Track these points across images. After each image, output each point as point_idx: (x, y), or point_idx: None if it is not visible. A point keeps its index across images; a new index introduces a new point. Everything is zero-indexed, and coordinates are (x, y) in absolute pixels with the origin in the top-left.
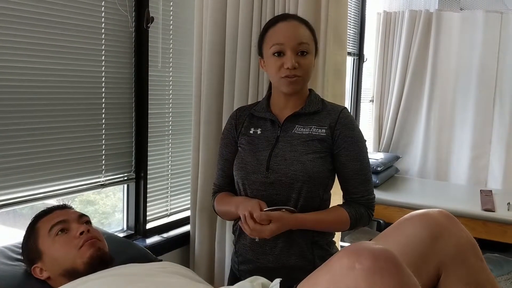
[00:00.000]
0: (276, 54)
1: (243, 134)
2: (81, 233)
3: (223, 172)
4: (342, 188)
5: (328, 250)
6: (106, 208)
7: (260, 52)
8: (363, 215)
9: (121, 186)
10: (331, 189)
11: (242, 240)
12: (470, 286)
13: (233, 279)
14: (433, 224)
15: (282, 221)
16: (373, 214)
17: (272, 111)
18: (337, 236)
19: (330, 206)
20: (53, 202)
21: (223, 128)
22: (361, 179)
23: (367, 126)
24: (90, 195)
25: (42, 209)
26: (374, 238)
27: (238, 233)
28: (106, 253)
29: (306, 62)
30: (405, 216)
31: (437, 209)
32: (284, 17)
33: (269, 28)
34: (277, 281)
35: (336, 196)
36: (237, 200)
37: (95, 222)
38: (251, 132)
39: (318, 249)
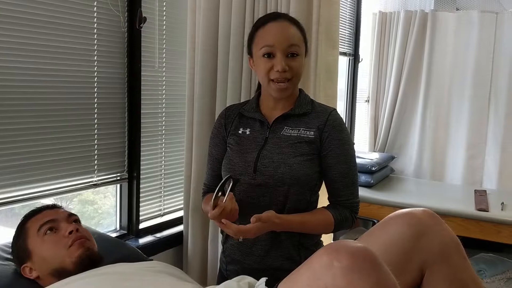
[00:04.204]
0: (266, 56)
1: (232, 134)
2: (70, 233)
3: (212, 172)
4: (327, 190)
5: (314, 252)
6: (105, 207)
7: (250, 51)
8: (347, 218)
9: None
10: (318, 191)
11: (230, 240)
12: (453, 285)
13: (221, 279)
14: (417, 223)
15: (268, 222)
16: (357, 217)
17: (261, 111)
18: (329, 236)
19: (319, 206)
20: (45, 201)
21: None
22: (347, 182)
23: (362, 126)
24: (90, 194)
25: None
26: (359, 237)
27: (226, 233)
28: (95, 253)
29: (296, 65)
30: (390, 215)
31: (421, 208)
32: (275, 17)
33: (259, 28)
34: (262, 280)
35: (325, 196)
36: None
37: (93, 222)
38: (240, 132)
39: (305, 251)
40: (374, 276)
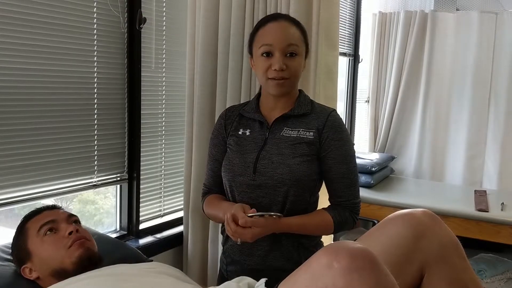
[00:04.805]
0: (264, 55)
1: (232, 134)
2: (70, 233)
3: (212, 173)
4: (328, 191)
5: (315, 252)
6: (105, 208)
7: (250, 51)
8: (348, 219)
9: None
10: (318, 192)
11: (230, 241)
12: (453, 285)
13: (222, 280)
14: (416, 224)
15: (266, 227)
16: (358, 218)
17: (261, 111)
18: (329, 237)
19: (319, 207)
20: (46, 202)
21: None
22: (346, 182)
23: (362, 126)
24: (90, 194)
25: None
26: (359, 238)
27: (226, 233)
28: (95, 253)
29: (294, 64)
30: (389, 216)
31: (421, 209)
32: (275, 17)
33: (260, 28)
34: (262, 281)
35: (325, 197)
36: (224, 206)
37: (93, 223)
38: (240, 133)
39: (304, 251)
40: (373, 277)
